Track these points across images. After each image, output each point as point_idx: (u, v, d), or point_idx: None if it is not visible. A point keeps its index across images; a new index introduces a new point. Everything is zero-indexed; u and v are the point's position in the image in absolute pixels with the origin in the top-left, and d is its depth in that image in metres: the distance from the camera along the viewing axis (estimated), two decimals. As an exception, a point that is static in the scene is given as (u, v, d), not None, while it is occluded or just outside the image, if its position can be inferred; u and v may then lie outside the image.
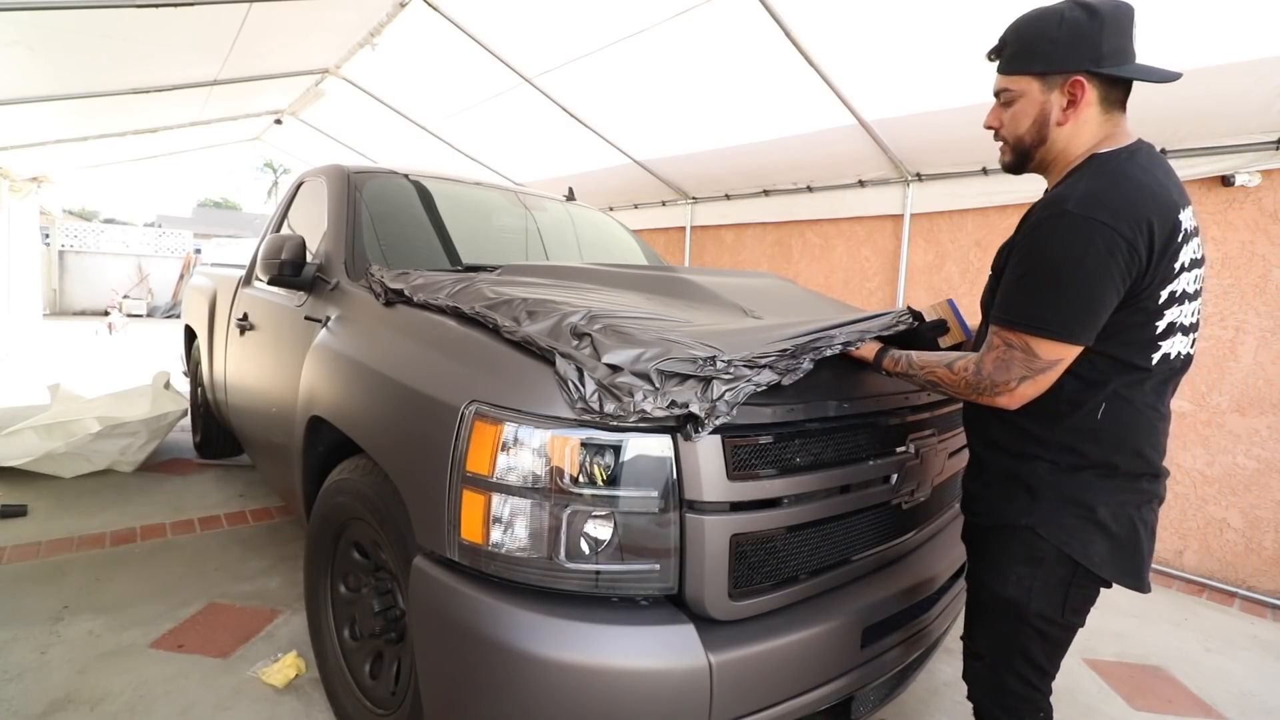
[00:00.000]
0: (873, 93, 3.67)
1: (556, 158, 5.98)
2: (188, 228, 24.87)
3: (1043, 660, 1.27)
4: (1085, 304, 1.08)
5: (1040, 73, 1.19)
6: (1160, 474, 1.21)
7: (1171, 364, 1.16)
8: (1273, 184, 3.05)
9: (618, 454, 1.19)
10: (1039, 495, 1.21)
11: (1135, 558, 1.19)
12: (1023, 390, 1.14)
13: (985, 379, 1.17)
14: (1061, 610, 1.22)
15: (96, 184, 10.20)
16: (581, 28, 3.91)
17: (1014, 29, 1.23)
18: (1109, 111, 1.19)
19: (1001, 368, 1.15)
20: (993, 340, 1.18)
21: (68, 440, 3.54)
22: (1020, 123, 1.24)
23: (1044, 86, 1.19)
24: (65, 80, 4.44)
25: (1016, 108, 1.24)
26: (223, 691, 1.95)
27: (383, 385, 1.56)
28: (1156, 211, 1.07)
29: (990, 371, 1.17)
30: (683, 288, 1.86)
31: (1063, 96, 1.18)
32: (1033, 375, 1.13)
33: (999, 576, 1.27)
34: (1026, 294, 1.13)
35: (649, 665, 1.13)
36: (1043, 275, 1.11)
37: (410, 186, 2.65)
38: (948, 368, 1.23)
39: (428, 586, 1.28)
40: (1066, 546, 1.18)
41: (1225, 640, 2.71)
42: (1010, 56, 1.23)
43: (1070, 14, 1.15)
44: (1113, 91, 1.18)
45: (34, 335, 8.35)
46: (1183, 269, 1.11)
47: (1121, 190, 1.09)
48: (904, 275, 4.45)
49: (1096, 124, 1.19)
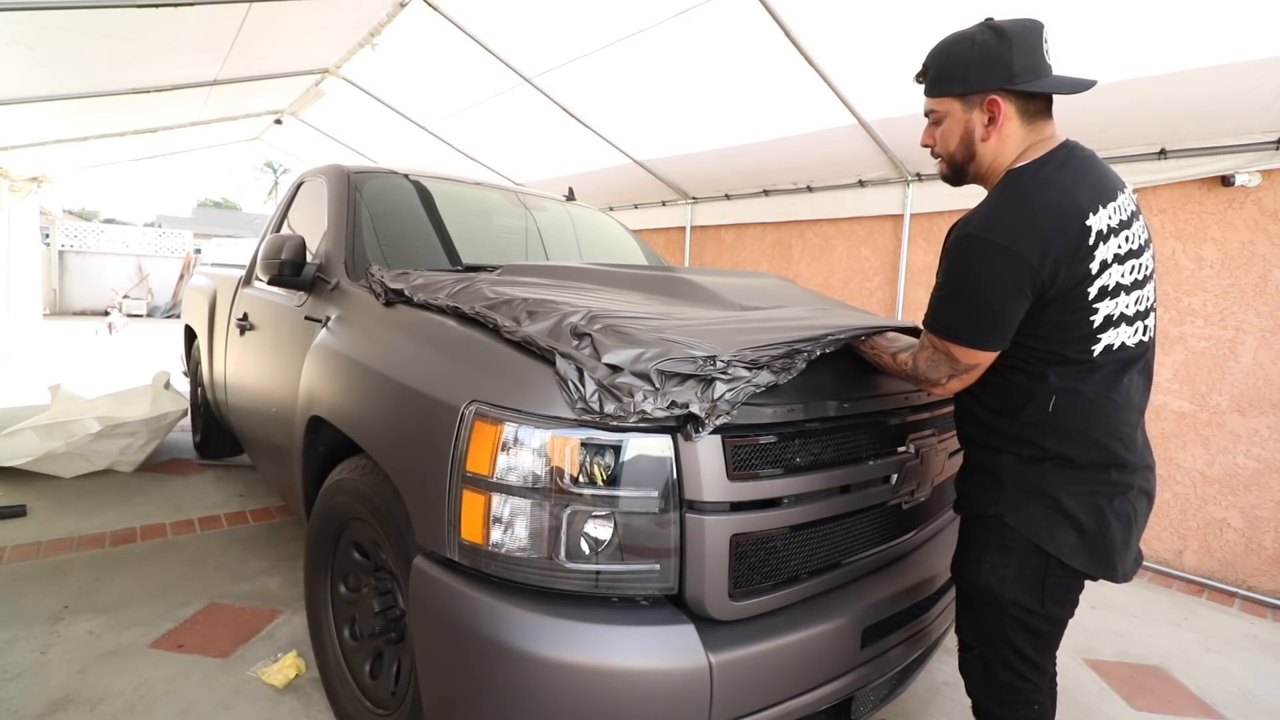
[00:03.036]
0: (873, 93, 3.67)
1: (556, 158, 5.98)
2: (188, 228, 24.87)
3: (1029, 651, 1.29)
4: (990, 316, 1.19)
5: (960, 94, 1.28)
6: (1130, 465, 1.23)
7: (1119, 354, 1.20)
8: (1273, 184, 3.05)
9: (618, 454, 1.19)
10: (1005, 485, 1.27)
11: (1105, 548, 1.22)
12: (951, 385, 1.28)
13: (921, 374, 1.31)
14: (1041, 600, 1.25)
15: (96, 184, 10.20)
16: (581, 28, 3.91)
17: (933, 55, 1.33)
18: (1031, 122, 1.26)
19: (932, 366, 1.29)
20: (924, 340, 1.30)
21: (68, 440, 3.54)
22: (949, 141, 1.32)
23: (965, 106, 1.28)
24: (65, 80, 4.44)
25: (944, 127, 1.32)
26: (223, 691, 1.95)
27: (383, 385, 1.56)
28: (1055, 223, 1.14)
29: (924, 369, 1.30)
30: (683, 288, 1.86)
31: (983, 114, 1.26)
32: (958, 374, 1.26)
33: (973, 565, 1.32)
34: (944, 306, 1.25)
35: (649, 665, 1.13)
36: (954, 290, 1.23)
37: (410, 186, 2.65)
38: (892, 357, 1.38)
39: (428, 586, 1.28)
40: (1034, 535, 1.23)
41: (1225, 640, 2.71)
42: (932, 80, 1.33)
43: (980, 38, 1.24)
44: (1031, 104, 1.25)
45: (34, 335, 8.35)
46: (1105, 266, 1.16)
47: (1022, 208, 1.17)
48: (904, 275, 4.45)
49: (1020, 135, 1.26)
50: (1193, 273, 3.27)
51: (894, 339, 1.43)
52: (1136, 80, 2.89)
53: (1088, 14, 2.66)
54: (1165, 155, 3.22)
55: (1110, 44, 2.78)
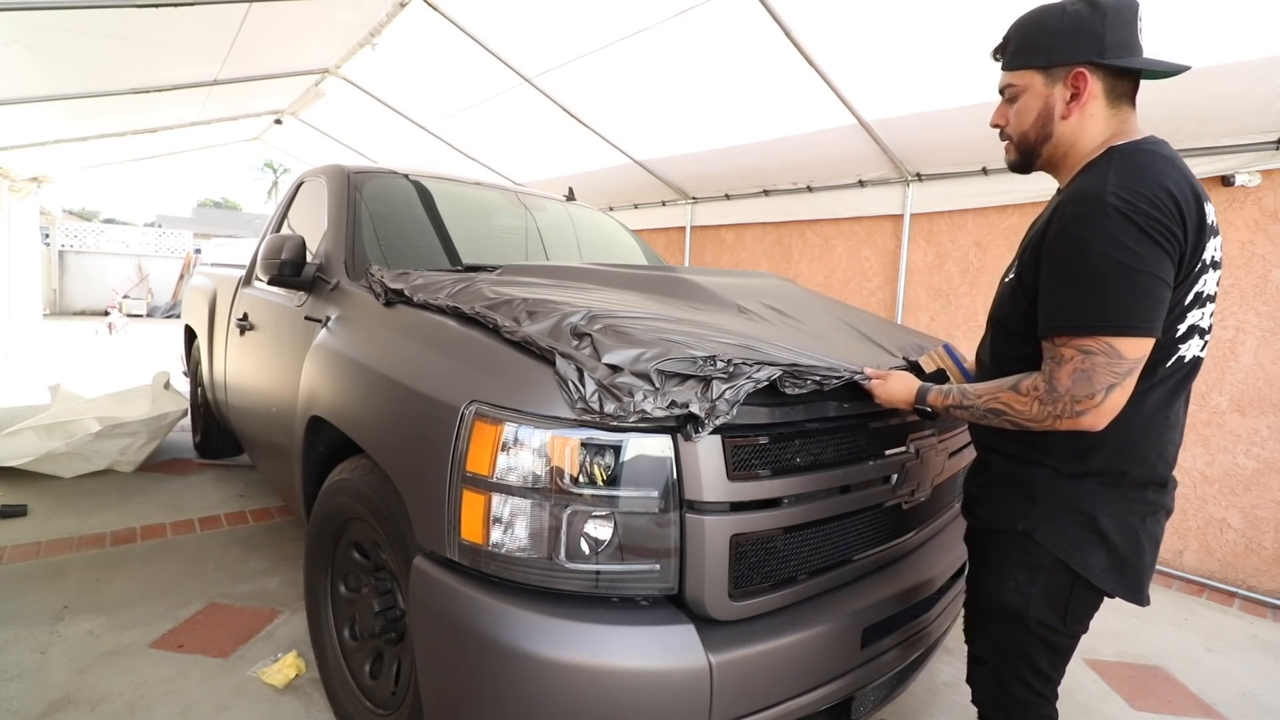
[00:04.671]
0: (873, 93, 3.67)
1: (556, 158, 5.98)
2: (188, 228, 24.88)
3: (1046, 666, 1.25)
4: (1155, 293, 1.02)
5: (1043, 66, 1.17)
6: (1168, 484, 1.18)
7: (1184, 368, 1.13)
8: (1273, 184, 3.04)
9: (618, 454, 1.19)
10: (1038, 500, 1.19)
11: (1136, 570, 1.16)
12: (1111, 400, 1.04)
13: (1064, 396, 1.06)
14: (1063, 619, 1.20)
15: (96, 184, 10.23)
16: (581, 28, 3.91)
17: (1017, 25, 1.22)
18: (1116, 105, 1.16)
19: (1082, 379, 1.04)
20: (1059, 353, 1.07)
21: (68, 440, 3.53)
22: (1025, 118, 1.22)
23: (1047, 80, 1.17)
24: (65, 80, 4.44)
25: (1020, 103, 1.22)
26: (223, 691, 1.95)
27: (383, 385, 1.56)
28: (1191, 200, 1.04)
29: (1069, 387, 1.05)
30: (683, 288, 1.86)
31: (1066, 89, 1.16)
32: (1120, 380, 1.03)
33: (997, 582, 1.25)
34: (1092, 295, 1.03)
35: (649, 665, 1.13)
36: (1104, 272, 1.02)
37: (410, 186, 2.64)
38: (1013, 390, 1.12)
39: (428, 586, 1.28)
40: (1064, 555, 1.16)
41: (1225, 640, 2.71)
42: (1013, 52, 1.22)
43: (1073, 7, 1.14)
44: (1119, 84, 1.15)
45: (34, 335, 8.34)
46: (1204, 268, 1.08)
47: (1156, 178, 1.04)
48: (904, 275, 4.45)
49: (1104, 118, 1.16)
50: (1193, 273, 3.27)
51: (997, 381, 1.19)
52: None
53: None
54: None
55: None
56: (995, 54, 1.27)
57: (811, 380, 1.28)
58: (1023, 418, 1.12)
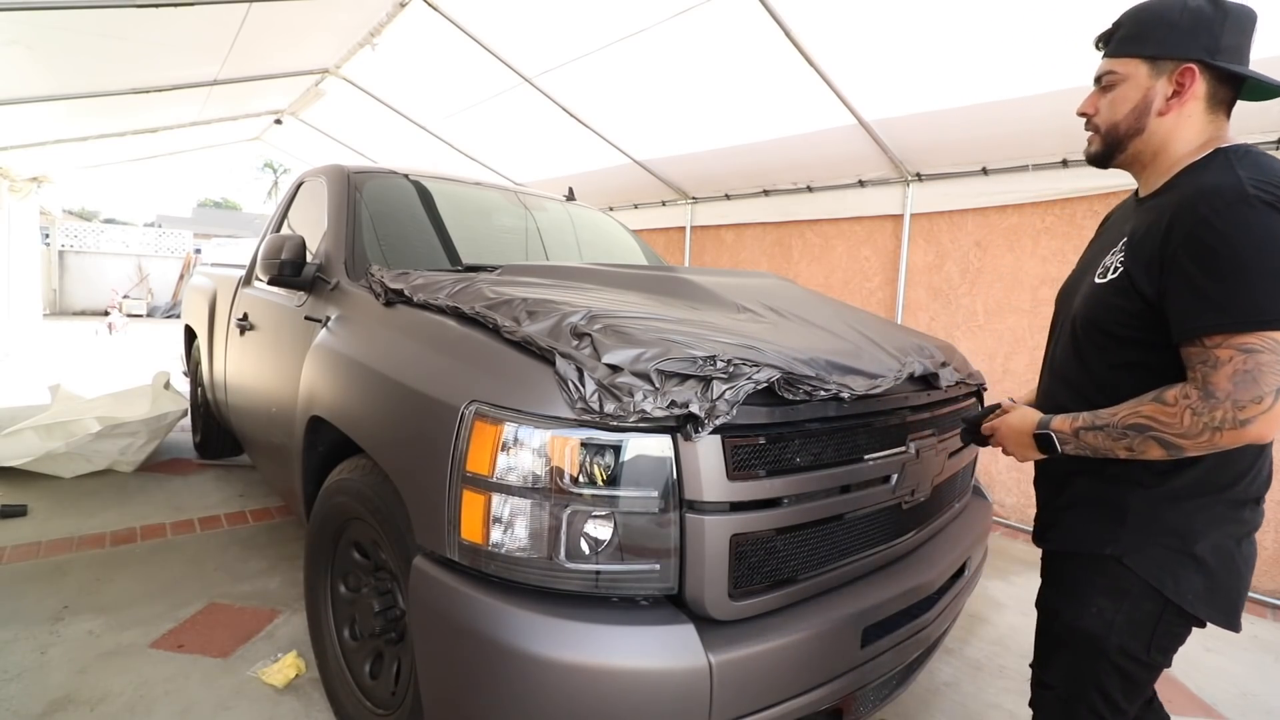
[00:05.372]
0: (873, 93, 3.67)
1: (556, 158, 5.98)
2: (188, 228, 24.88)
3: (1120, 698, 1.17)
4: None
5: (1151, 56, 1.12)
6: (1262, 501, 1.12)
7: None
8: (1273, 184, 3.04)
9: (618, 454, 1.19)
10: (1128, 523, 1.11)
11: (1232, 594, 1.10)
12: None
13: (1224, 401, 0.96)
14: (1147, 649, 1.12)
15: (96, 184, 10.21)
16: (581, 28, 3.91)
17: (1132, 11, 1.17)
18: (1214, 111, 1.12)
19: (1247, 381, 0.94)
20: (1213, 355, 0.98)
21: (68, 440, 3.54)
22: (1119, 108, 1.16)
23: (1152, 72, 1.12)
24: (65, 80, 4.45)
25: (1117, 92, 1.16)
26: (223, 691, 1.95)
27: (383, 385, 1.56)
28: None
29: (1230, 390, 0.95)
30: (683, 288, 1.86)
31: (1169, 85, 1.11)
32: None
33: (1076, 607, 1.18)
34: (1251, 288, 0.95)
35: (649, 665, 1.13)
36: (1261, 265, 0.95)
37: (410, 186, 2.65)
38: (1157, 403, 1.02)
39: (428, 586, 1.28)
40: (1157, 581, 1.09)
41: (1225, 640, 2.71)
42: (1122, 39, 1.16)
43: (1195, 2, 1.09)
44: (1221, 90, 1.11)
45: (34, 335, 8.35)
46: None
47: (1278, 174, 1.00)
48: (904, 275, 4.45)
49: (1200, 122, 1.11)
50: (1193, 273, 3.27)
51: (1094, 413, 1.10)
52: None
53: (1087, 15, 2.66)
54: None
55: (1110, 44, 2.77)
56: (1099, 41, 1.22)
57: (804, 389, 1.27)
58: (1172, 433, 1.00)
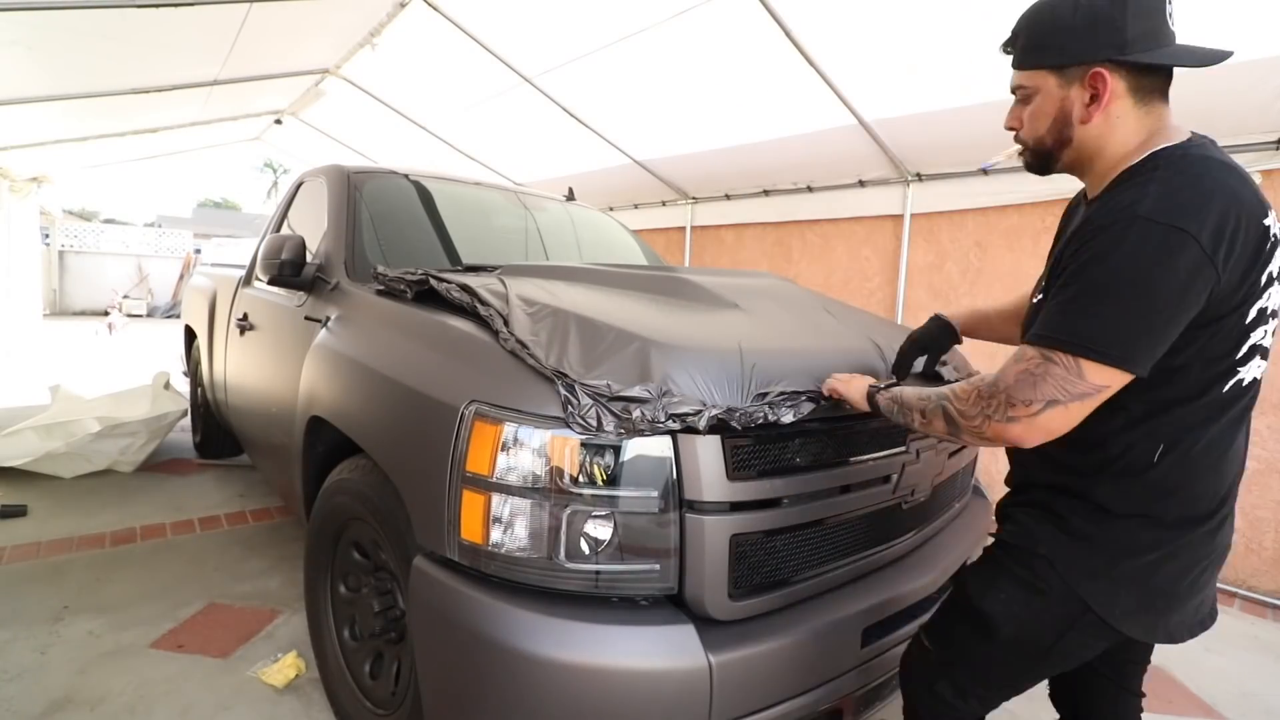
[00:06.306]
0: (873, 93, 3.67)
1: (556, 158, 5.98)
2: (188, 228, 24.86)
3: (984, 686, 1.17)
4: (1151, 326, 0.90)
5: (1055, 66, 1.03)
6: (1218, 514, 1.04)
7: (1245, 393, 1.00)
8: (1273, 184, 3.04)
9: (617, 454, 1.19)
10: (1070, 531, 1.06)
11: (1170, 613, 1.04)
12: (1046, 418, 0.94)
13: (1002, 392, 0.97)
14: (1048, 651, 1.08)
15: (96, 184, 10.29)
16: (581, 28, 3.91)
17: (1025, 18, 1.08)
18: (1146, 103, 1.02)
19: (1027, 382, 0.95)
20: (1024, 353, 0.97)
21: (68, 440, 3.54)
22: (1039, 123, 1.08)
23: (1062, 81, 1.03)
24: (65, 80, 4.45)
25: (1034, 106, 1.08)
26: (223, 691, 1.95)
27: (383, 385, 1.56)
28: (1238, 217, 0.91)
29: (1010, 384, 0.96)
30: (682, 288, 1.86)
31: (1084, 91, 1.02)
32: (1066, 401, 0.93)
33: (985, 588, 1.14)
34: (1082, 309, 0.93)
35: (649, 665, 1.13)
36: (1104, 288, 0.92)
37: (410, 186, 2.64)
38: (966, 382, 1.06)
39: (428, 586, 1.28)
40: (1083, 588, 1.03)
41: (1225, 640, 2.71)
42: (1023, 49, 1.08)
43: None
44: (1146, 80, 1.01)
45: (34, 335, 8.34)
46: (1270, 281, 0.96)
47: (1203, 191, 0.91)
48: (904, 275, 4.45)
49: (1133, 119, 1.02)
50: (1193, 273, 3.27)
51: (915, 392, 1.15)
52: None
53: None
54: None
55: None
56: (1004, 48, 1.14)
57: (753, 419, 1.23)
58: (957, 407, 1.03)
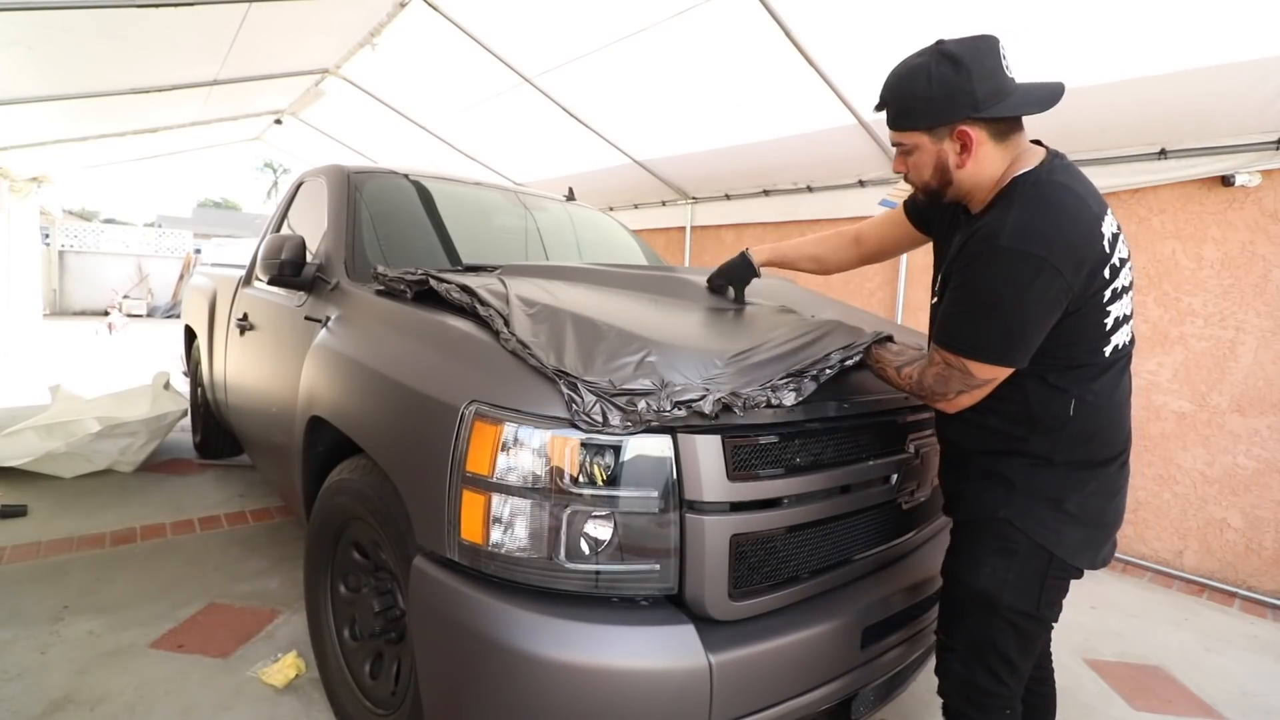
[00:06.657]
0: (873, 92, 3.60)
1: (556, 158, 5.98)
2: (188, 228, 24.86)
3: (1014, 655, 1.29)
4: (1020, 333, 1.15)
5: (926, 128, 1.23)
6: (1126, 456, 1.30)
7: (1121, 352, 1.23)
8: (1273, 184, 3.04)
9: (618, 454, 1.19)
10: (1016, 488, 1.26)
11: (1103, 543, 1.28)
12: (959, 400, 1.25)
13: (926, 389, 1.27)
14: (1037, 604, 1.26)
15: (96, 184, 10.32)
16: (581, 28, 3.91)
17: (888, 89, 1.28)
18: (1005, 139, 1.21)
19: (940, 381, 1.24)
20: (934, 356, 1.26)
21: (68, 440, 3.54)
22: (922, 172, 1.28)
23: (933, 139, 1.23)
24: (65, 80, 4.45)
25: (914, 159, 1.28)
26: (223, 691, 1.95)
27: (383, 385, 1.56)
28: (1085, 234, 1.13)
29: (930, 384, 1.26)
30: (682, 287, 1.86)
31: (955, 143, 1.21)
32: (969, 389, 1.22)
33: (972, 568, 1.30)
34: (965, 322, 1.20)
35: (649, 665, 1.13)
36: (979, 306, 1.18)
37: (410, 186, 2.64)
38: (897, 371, 1.34)
39: (428, 586, 1.28)
40: (1040, 537, 1.24)
41: (1225, 640, 2.71)
42: (895, 115, 1.27)
43: (936, 69, 1.18)
44: (1002, 124, 1.20)
45: (34, 335, 8.34)
46: (1115, 270, 1.17)
47: (1051, 219, 1.12)
48: (904, 275, 4.45)
49: (996, 156, 1.22)
50: (1193, 273, 3.27)
51: (899, 351, 1.38)
52: (1137, 80, 2.88)
53: (1087, 14, 2.66)
54: (1165, 155, 3.22)
55: (1110, 44, 2.77)
56: (876, 110, 1.33)
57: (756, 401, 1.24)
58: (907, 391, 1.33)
